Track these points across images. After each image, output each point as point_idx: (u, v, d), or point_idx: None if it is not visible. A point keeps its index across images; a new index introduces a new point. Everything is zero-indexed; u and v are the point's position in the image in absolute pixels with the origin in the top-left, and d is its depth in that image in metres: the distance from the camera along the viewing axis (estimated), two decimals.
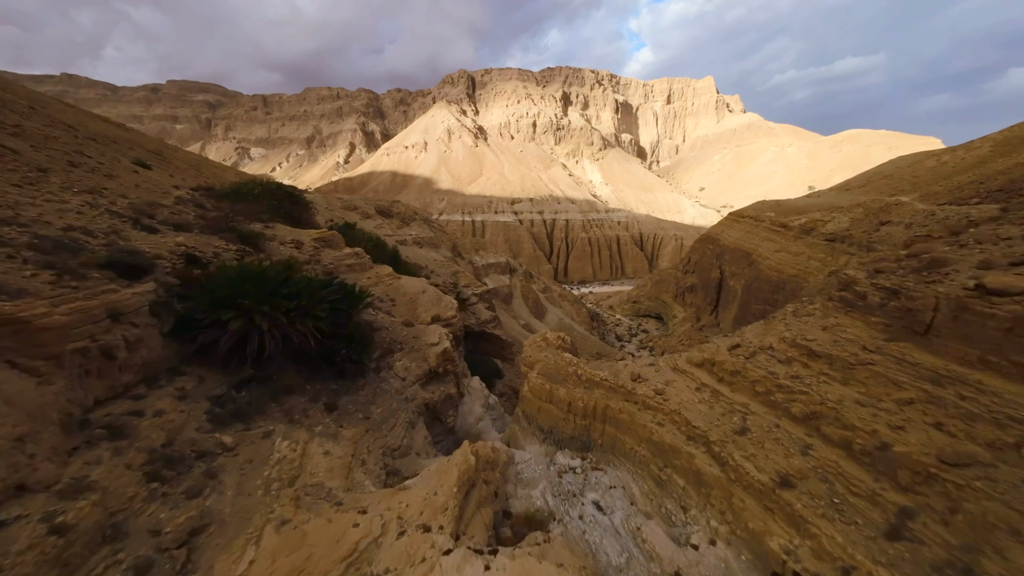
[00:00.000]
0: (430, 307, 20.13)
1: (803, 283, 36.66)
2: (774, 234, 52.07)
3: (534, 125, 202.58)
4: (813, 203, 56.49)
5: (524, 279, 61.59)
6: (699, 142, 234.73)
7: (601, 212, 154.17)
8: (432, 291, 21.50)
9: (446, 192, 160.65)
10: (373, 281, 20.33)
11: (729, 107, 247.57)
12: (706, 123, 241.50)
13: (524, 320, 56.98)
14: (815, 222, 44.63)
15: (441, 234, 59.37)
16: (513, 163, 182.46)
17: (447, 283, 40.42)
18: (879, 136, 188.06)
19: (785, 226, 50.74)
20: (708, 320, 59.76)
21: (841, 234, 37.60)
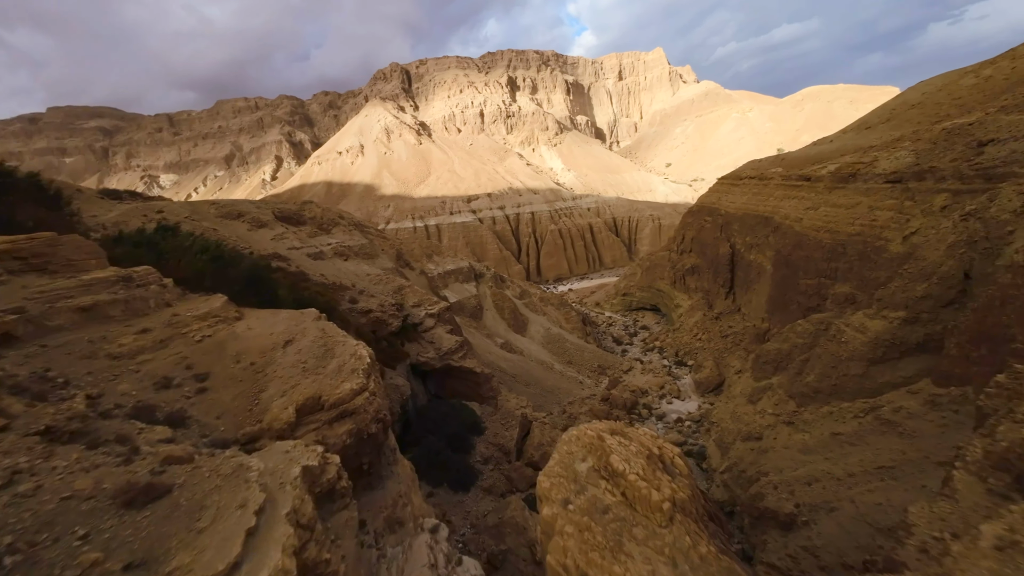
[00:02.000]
0: (296, 380, 9.14)
1: (877, 243, 28.02)
2: (795, 190, 44.00)
3: (481, 115, 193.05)
4: (829, 149, 49.18)
5: (494, 285, 50.95)
6: (658, 117, 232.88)
7: (568, 200, 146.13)
8: (311, 341, 10.49)
9: (392, 198, 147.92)
10: (161, 332, 9.15)
11: (682, 78, 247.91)
12: (662, 96, 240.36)
13: (502, 338, 46.36)
14: (855, 165, 36.58)
15: (381, 241, 47.85)
16: (464, 158, 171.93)
17: (386, 305, 29.23)
18: (838, 91, 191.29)
19: (809, 178, 42.74)
20: (724, 305, 51.20)
21: (911, 171, 29.35)
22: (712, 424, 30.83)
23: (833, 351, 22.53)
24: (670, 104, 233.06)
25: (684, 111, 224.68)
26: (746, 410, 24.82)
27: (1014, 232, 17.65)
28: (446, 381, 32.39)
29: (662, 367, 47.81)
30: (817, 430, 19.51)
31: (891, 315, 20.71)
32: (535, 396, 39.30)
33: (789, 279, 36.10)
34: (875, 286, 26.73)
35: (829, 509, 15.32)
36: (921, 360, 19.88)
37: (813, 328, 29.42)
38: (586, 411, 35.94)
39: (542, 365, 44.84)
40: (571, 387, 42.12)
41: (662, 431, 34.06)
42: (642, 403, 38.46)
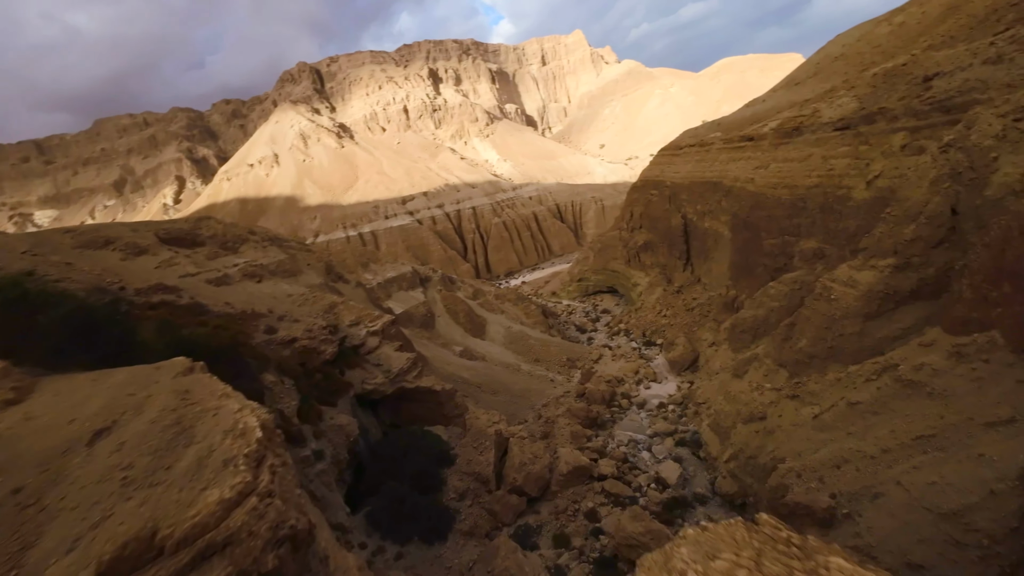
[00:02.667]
0: (109, 505, 5.03)
1: (839, 193, 27.34)
2: (739, 151, 43.75)
3: (406, 111, 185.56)
4: (764, 108, 49.75)
5: (444, 288, 46.93)
6: (585, 99, 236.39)
7: (508, 191, 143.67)
8: (150, 421, 6.33)
9: (317, 208, 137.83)
10: None
11: (604, 59, 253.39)
12: (587, 79, 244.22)
13: (459, 345, 42.54)
14: (796, 119, 36.42)
15: (305, 255, 42.17)
16: (393, 158, 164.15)
17: (316, 330, 24.53)
18: (749, 60, 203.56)
19: (752, 138, 42.54)
20: (684, 278, 50.62)
21: (858, 116, 29.02)
22: (700, 405, 29.13)
23: (824, 311, 21.13)
24: (596, 86, 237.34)
25: (610, 91, 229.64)
26: (739, 387, 23.05)
27: (998, 158, 16.69)
28: (402, 407, 28.28)
29: (632, 350, 46.29)
30: (828, 401, 17.78)
31: (880, 264, 19.47)
32: (506, 404, 36.02)
33: (751, 242, 35.34)
34: (845, 237, 25.97)
35: (872, 496, 13.29)
36: (918, 308, 18.76)
37: (787, 289, 28.42)
38: (563, 412, 33.20)
39: (508, 368, 41.62)
40: (543, 387, 39.27)
41: (646, 420, 32.09)
42: (620, 392, 36.40)
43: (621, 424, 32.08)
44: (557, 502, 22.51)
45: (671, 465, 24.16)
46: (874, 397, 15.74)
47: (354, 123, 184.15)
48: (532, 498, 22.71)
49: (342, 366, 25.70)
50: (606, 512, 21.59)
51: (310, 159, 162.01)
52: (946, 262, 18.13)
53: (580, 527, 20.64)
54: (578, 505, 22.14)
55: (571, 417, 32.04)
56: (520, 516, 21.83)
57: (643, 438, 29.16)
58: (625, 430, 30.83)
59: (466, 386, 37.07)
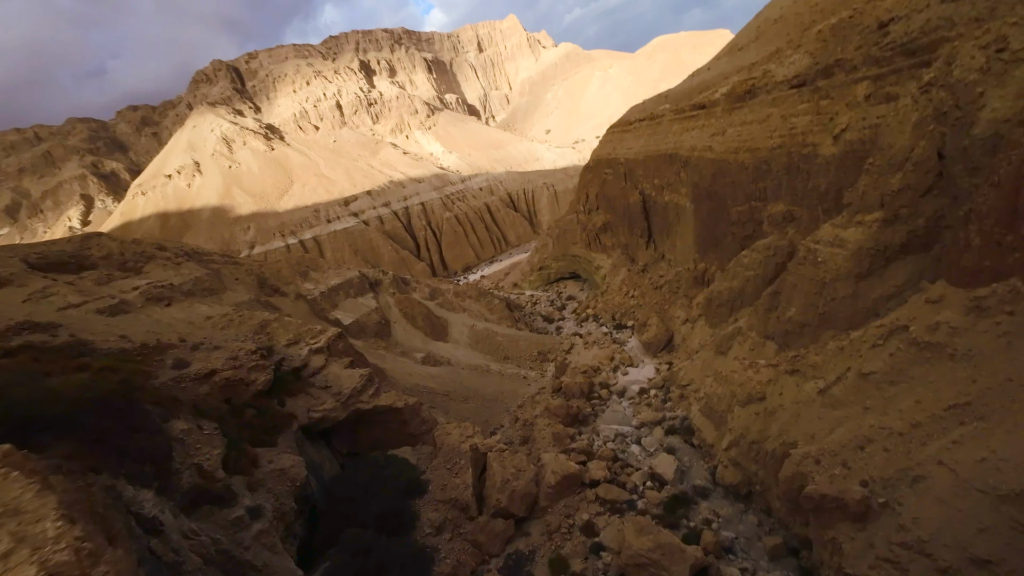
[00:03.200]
0: None
1: (804, 151, 26.38)
2: (692, 121, 42.81)
3: (339, 107, 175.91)
4: (711, 76, 49.21)
5: (397, 290, 43.25)
6: (527, 85, 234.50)
7: (457, 183, 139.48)
8: None
9: (250, 217, 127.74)
10: None
11: (541, 44, 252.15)
12: (526, 64, 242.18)
13: (421, 351, 39.15)
14: (747, 83, 35.59)
15: (232, 268, 37.22)
16: (330, 158, 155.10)
17: (242, 356, 20.54)
18: (681, 38, 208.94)
19: (703, 106, 41.63)
20: (648, 256, 49.61)
21: (814, 71, 28.21)
22: (684, 388, 27.64)
23: (812, 275, 19.80)
24: (536, 71, 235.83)
25: (550, 76, 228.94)
26: (728, 366, 21.50)
27: (984, 93, 15.64)
28: (360, 431, 24.85)
29: (603, 336, 44.74)
30: (833, 373, 16.33)
31: (867, 219, 18.25)
32: (478, 411, 33.25)
33: (716, 211, 34.28)
34: (816, 196, 25.02)
35: (911, 480, 11.70)
36: (909, 263, 17.70)
37: (762, 256, 27.34)
38: (541, 411, 30.85)
39: (476, 370, 38.78)
40: (516, 387, 36.78)
41: (630, 410, 30.38)
42: (597, 383, 34.55)
43: (604, 417, 30.19)
44: (548, 519, 20.11)
45: (665, 458, 22.39)
46: (888, 365, 14.28)
47: (283, 123, 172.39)
48: (520, 519, 20.18)
49: (281, 395, 21.88)
50: (603, 522, 19.46)
51: (237, 165, 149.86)
52: (935, 211, 17.08)
53: (578, 546, 18.35)
54: (572, 519, 19.85)
55: (550, 416, 29.74)
56: (509, 543, 19.25)
57: (629, 430, 27.36)
58: (609, 423, 28.93)
59: (433, 396, 33.95)
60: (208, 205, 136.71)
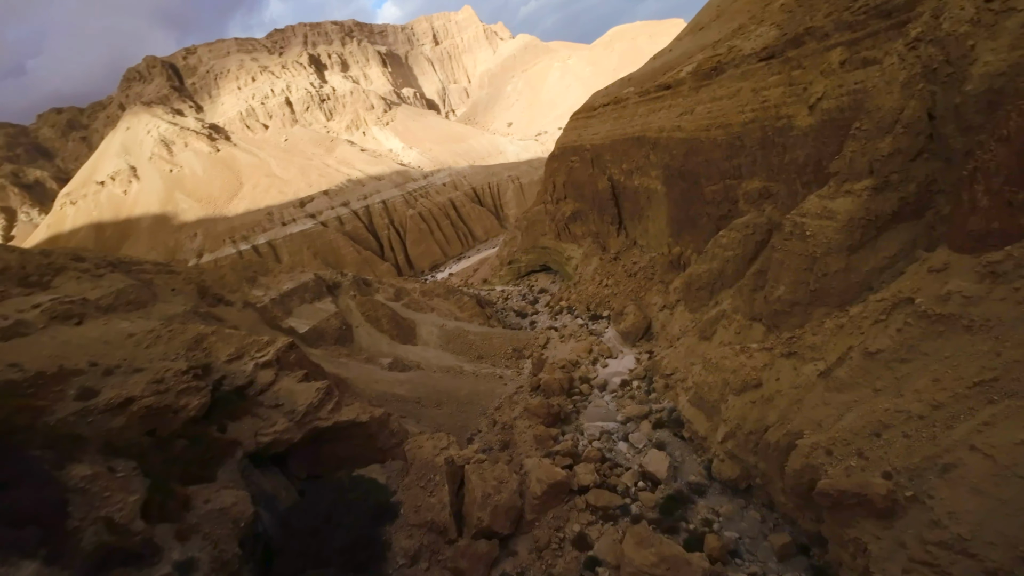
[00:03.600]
0: None
1: (778, 124, 25.49)
2: (658, 101, 41.78)
3: (289, 104, 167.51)
4: (674, 57, 48.42)
5: (358, 292, 40.29)
6: (486, 78, 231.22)
7: (419, 180, 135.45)
8: None
9: (197, 224, 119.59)
10: None
11: (499, 35, 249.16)
12: (484, 56, 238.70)
13: (388, 356, 36.47)
14: (713, 59, 34.70)
15: (166, 277, 33.39)
16: (283, 157, 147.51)
17: (169, 379, 17.51)
18: (638, 28, 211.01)
19: (669, 86, 40.64)
20: (619, 244, 48.56)
21: (783, 42, 27.38)
22: (669, 377, 26.40)
23: (800, 251, 18.71)
24: (494, 63, 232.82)
25: (509, 68, 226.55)
26: (717, 352, 20.24)
27: (975, 46, 14.74)
28: (321, 451, 22.30)
29: (579, 327, 43.34)
30: (834, 353, 15.18)
31: (856, 187, 17.24)
32: (452, 416, 31.06)
33: (689, 192, 33.27)
34: (794, 169, 24.15)
35: (941, 469, 10.49)
36: (901, 231, 16.82)
37: (740, 235, 26.36)
38: (521, 412, 29.00)
39: (449, 372, 36.50)
40: (492, 387, 34.78)
41: (613, 404, 28.97)
42: (577, 377, 33.00)
43: (587, 413, 28.64)
44: (536, 534, 18.27)
45: (656, 455, 20.99)
46: (897, 341, 13.14)
47: (228, 122, 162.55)
48: (505, 537, 18.25)
49: (222, 419, 19.01)
50: (597, 533, 17.80)
51: (179, 168, 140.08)
52: (927, 175, 16.20)
53: (571, 563, 16.61)
54: (562, 532, 18.09)
55: (530, 417, 27.92)
56: (494, 566, 17.28)
57: (615, 426, 25.91)
58: (593, 420, 27.40)
59: (403, 404, 31.50)
60: (148, 212, 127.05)
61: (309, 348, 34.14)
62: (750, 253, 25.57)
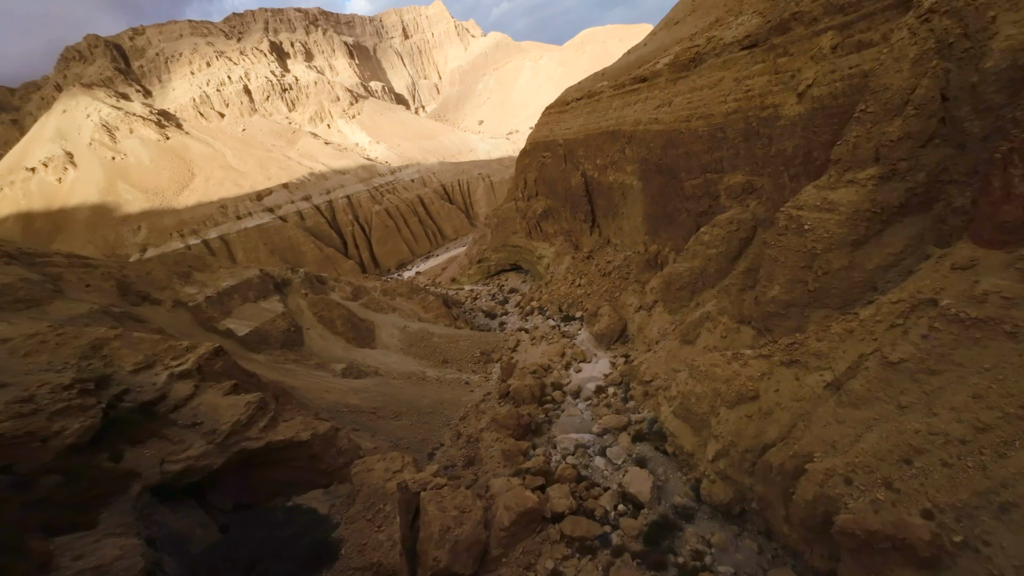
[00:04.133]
0: None
1: (763, 114, 23.84)
2: (634, 95, 39.99)
3: (247, 92, 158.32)
4: (649, 51, 46.91)
5: (310, 291, 36.46)
6: (457, 75, 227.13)
7: (386, 175, 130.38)
8: None
9: (141, 216, 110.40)
10: None
11: (470, 32, 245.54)
12: (455, 53, 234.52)
13: (342, 361, 32.90)
14: (691, 51, 33.08)
15: (79, 272, 28.82)
16: (240, 148, 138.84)
17: (42, 397, 13.79)
18: (608, 31, 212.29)
19: (645, 78, 38.92)
20: (593, 242, 46.61)
21: (766, 29, 25.84)
22: (648, 384, 24.30)
23: (797, 247, 16.85)
24: (465, 60, 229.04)
25: (480, 65, 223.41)
26: (708, 360, 18.15)
27: (996, 18, 13.15)
28: (253, 475, 18.85)
29: (551, 329, 40.99)
30: (843, 362, 13.26)
31: (860, 176, 15.48)
32: (413, 429, 27.98)
33: (667, 187, 31.46)
34: (782, 161, 22.48)
35: (998, 508, 8.53)
36: (908, 225, 15.16)
37: (724, 232, 24.58)
38: (487, 424, 26.28)
39: (410, 379, 33.31)
40: (457, 395, 31.88)
41: (588, 413, 26.68)
42: (549, 383, 30.58)
43: (560, 424, 26.21)
44: (503, 573, 15.58)
45: (637, 474, 18.74)
46: (923, 350, 11.24)
47: (180, 109, 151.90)
48: None
49: (117, 444, 15.28)
50: (573, 570, 15.32)
51: (123, 156, 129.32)
52: (938, 163, 14.57)
53: None
54: (533, 571, 15.48)
55: (498, 429, 25.25)
56: None
57: (591, 438, 23.57)
58: (567, 431, 24.99)
59: (357, 416, 28.16)
60: (86, 203, 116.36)
61: (250, 353, 30.20)
62: (734, 251, 23.82)
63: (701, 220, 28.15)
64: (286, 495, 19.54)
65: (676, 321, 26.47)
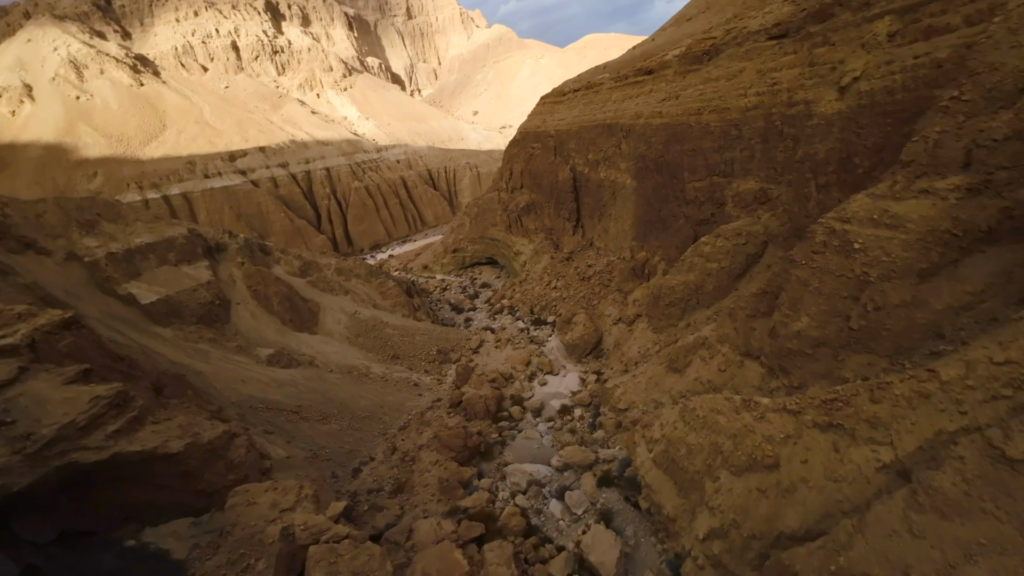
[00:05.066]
0: None
1: (791, 111, 19.70)
2: (636, 87, 35.59)
3: (235, 48, 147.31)
4: (656, 45, 42.60)
5: (249, 259, 30.66)
6: (456, 63, 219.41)
7: (371, 152, 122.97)
8: None
9: (100, 162, 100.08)
10: None
11: (475, 22, 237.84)
12: (457, 40, 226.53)
13: (272, 345, 27.30)
14: (707, 41, 28.83)
15: None
16: (219, 105, 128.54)
17: None
18: (611, 39, 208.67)
19: (651, 71, 34.55)
20: (574, 243, 42.17)
21: (801, 17, 21.71)
22: (623, 413, 19.95)
23: (842, 270, 12.64)
24: (467, 49, 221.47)
25: (481, 57, 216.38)
26: (710, 403, 13.78)
27: None
28: (96, 495, 13.52)
29: (519, 332, 36.41)
30: (911, 441, 9.11)
31: (940, 185, 11.35)
32: (340, 436, 22.88)
33: (665, 188, 27.17)
34: (808, 168, 18.37)
35: None
36: (993, 258, 11.13)
37: (730, 244, 20.38)
38: (429, 439, 21.48)
39: (350, 374, 28.09)
40: (402, 398, 26.89)
41: (547, 436, 22.19)
42: (509, 396, 25.99)
43: (514, 448, 21.62)
44: None
45: (601, 535, 14.32)
46: None
47: (160, 56, 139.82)
48: None
49: None
50: None
51: (88, 97, 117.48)
52: None
53: None
54: None
55: (440, 449, 20.46)
56: None
57: (548, 472, 19.06)
58: (521, 460, 20.41)
59: (275, 414, 22.87)
60: (39, 141, 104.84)
61: (153, 327, 24.38)
62: (739, 267, 19.66)
63: (701, 229, 23.96)
64: (141, 522, 14.25)
65: (661, 341, 22.21)
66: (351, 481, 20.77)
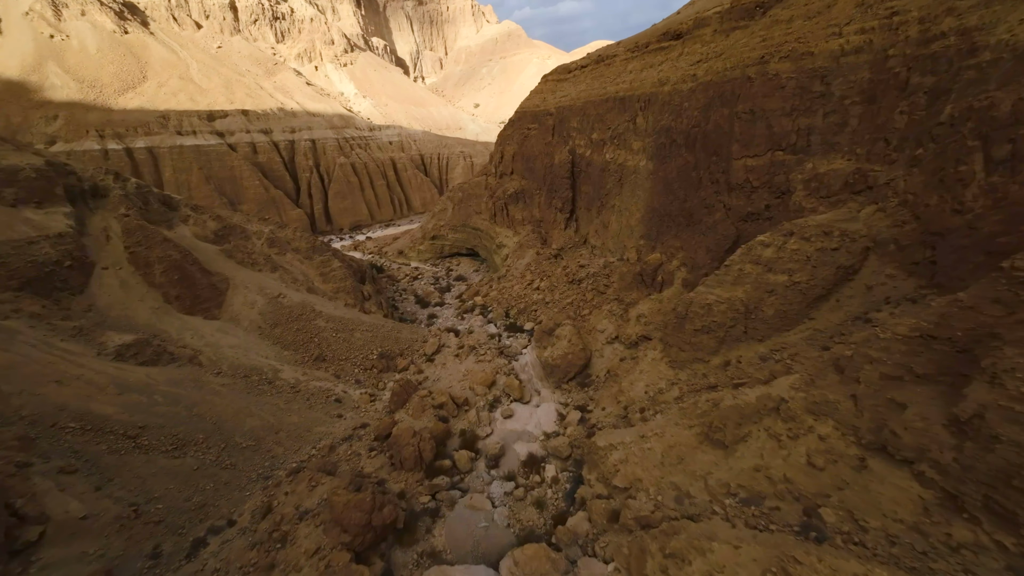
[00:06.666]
0: None
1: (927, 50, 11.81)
2: (660, 54, 27.63)
3: (234, 9, 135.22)
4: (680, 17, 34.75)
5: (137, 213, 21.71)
6: (463, 54, 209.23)
7: (363, 129, 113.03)
8: None
9: (65, 105, 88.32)
10: None
11: (486, 17, 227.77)
12: (466, 32, 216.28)
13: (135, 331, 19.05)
14: None
15: None
16: (208, 63, 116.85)
17: None
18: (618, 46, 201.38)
19: (680, 35, 26.63)
20: (565, 238, 34.07)
21: None
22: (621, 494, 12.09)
23: None
24: (475, 42, 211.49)
25: (489, 51, 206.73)
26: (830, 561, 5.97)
27: None
28: None
29: (488, 339, 28.22)
30: None
31: None
32: (192, 479, 14.40)
33: (699, 169, 19.23)
34: (975, 130, 10.59)
35: None
36: None
37: (813, 250, 12.53)
38: (320, 503, 13.25)
39: (247, 379, 19.54)
40: (311, 419, 18.49)
41: (501, 512, 14.17)
42: (458, 432, 17.87)
43: (448, 526, 13.47)
44: None
45: None
46: None
47: (151, 6, 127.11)
48: None
49: None
50: None
51: (64, 37, 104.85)
52: None
53: None
54: None
55: (329, 527, 12.20)
56: None
57: None
58: (455, 552, 12.30)
59: (94, 439, 14.33)
60: (1, 76, 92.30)
61: None
62: (821, 284, 11.87)
63: (746, 227, 16.13)
64: None
65: (684, 383, 14.31)
66: (181, 565, 12.43)
